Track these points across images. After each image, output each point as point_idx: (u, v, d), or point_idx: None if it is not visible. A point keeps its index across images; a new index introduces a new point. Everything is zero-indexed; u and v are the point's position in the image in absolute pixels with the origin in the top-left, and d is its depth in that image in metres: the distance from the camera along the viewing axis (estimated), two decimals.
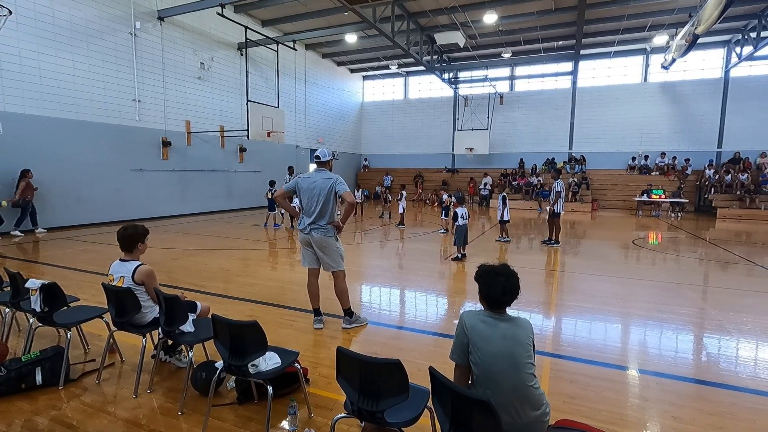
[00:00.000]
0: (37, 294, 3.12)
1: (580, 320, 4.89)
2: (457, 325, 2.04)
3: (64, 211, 11.29)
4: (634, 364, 3.76)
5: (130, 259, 3.17)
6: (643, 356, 3.95)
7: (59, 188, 11.13)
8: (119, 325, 3.14)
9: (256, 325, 2.36)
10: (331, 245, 4.25)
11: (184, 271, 6.91)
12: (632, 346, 4.20)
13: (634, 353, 4.02)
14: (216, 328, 2.49)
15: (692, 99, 19.72)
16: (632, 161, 20.83)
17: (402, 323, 4.76)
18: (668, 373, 3.53)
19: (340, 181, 4.20)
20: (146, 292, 3.15)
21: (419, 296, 5.90)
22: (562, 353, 3.93)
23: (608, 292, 6.08)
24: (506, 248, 9.65)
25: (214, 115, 16.02)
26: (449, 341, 3.94)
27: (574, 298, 5.75)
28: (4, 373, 3.00)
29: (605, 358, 3.82)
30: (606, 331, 4.60)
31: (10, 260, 7.43)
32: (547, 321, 4.84)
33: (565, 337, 4.41)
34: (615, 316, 4.99)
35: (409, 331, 4.51)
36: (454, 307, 5.46)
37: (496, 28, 17.51)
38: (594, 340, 4.29)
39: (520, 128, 23.08)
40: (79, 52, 11.46)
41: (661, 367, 3.66)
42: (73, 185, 11.44)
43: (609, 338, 4.39)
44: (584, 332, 4.55)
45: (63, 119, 11.17)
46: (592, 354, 3.90)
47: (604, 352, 3.97)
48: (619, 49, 20.18)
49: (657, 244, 10.90)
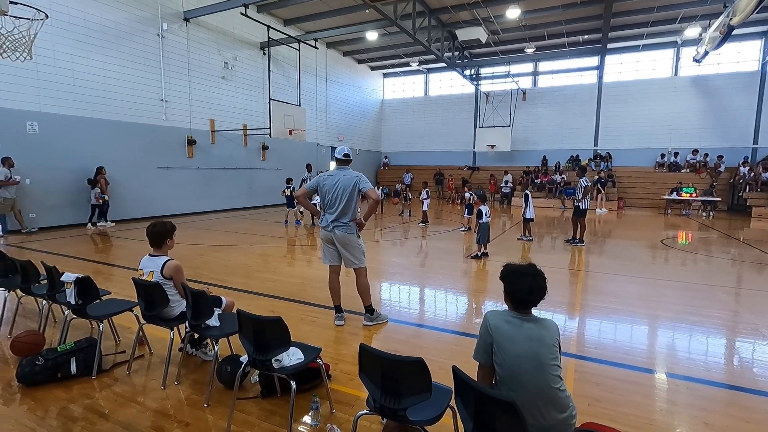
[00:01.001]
0: (72, 287, 3.25)
1: (606, 321, 4.77)
2: (480, 324, 2.02)
3: None
4: (663, 368, 3.65)
5: (159, 255, 3.27)
6: (672, 359, 3.83)
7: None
8: (148, 319, 3.25)
9: (280, 321, 2.40)
10: (353, 242, 4.27)
11: (209, 266, 7.08)
12: (660, 349, 4.08)
13: (663, 356, 3.90)
14: (241, 323, 2.54)
15: (726, 93, 18.92)
16: (661, 158, 20.15)
17: (422, 321, 4.74)
18: (699, 378, 3.41)
19: (363, 178, 4.22)
20: (174, 286, 3.24)
21: (440, 294, 5.87)
22: (588, 355, 3.84)
23: (635, 293, 5.91)
24: (529, 247, 9.49)
25: (237, 113, 16.30)
26: (471, 340, 3.94)
27: (600, 298, 5.61)
28: (42, 362, 3.14)
29: (632, 360, 3.72)
30: (633, 333, 4.48)
31: (45, 254, 7.76)
32: (571, 322, 4.74)
33: (591, 338, 4.32)
34: (642, 318, 4.85)
35: (429, 329, 4.49)
36: (475, 306, 5.41)
37: (519, 23, 17.20)
38: (621, 342, 4.18)
39: (543, 125, 22.64)
40: (110, 53, 11.83)
41: (691, 371, 3.54)
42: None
43: (636, 340, 4.28)
44: (610, 334, 4.44)
45: (95, 119, 11.57)
46: (618, 356, 3.80)
47: (631, 354, 3.86)
48: (647, 42, 19.52)
49: (687, 244, 10.54)
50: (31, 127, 10.32)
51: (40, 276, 3.92)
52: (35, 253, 7.85)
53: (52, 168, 10.67)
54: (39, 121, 10.44)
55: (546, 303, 5.27)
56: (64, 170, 10.91)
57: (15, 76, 9.95)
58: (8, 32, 4.42)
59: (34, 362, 3.13)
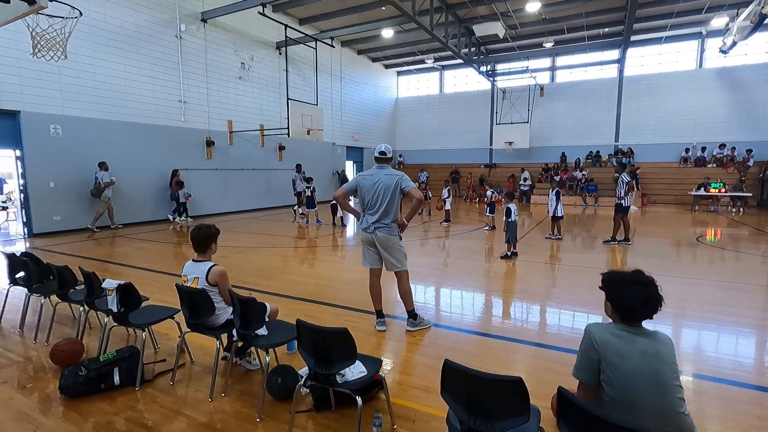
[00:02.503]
0: (114, 294, 3.12)
1: (688, 330, 4.46)
2: (582, 339, 1.81)
3: (117, 211, 11.71)
4: None
5: (204, 260, 3.12)
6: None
7: (114, 188, 11.55)
8: (193, 327, 3.10)
9: (345, 333, 2.22)
10: (395, 244, 4.09)
11: (235, 268, 6.95)
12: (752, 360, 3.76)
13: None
14: (300, 334, 2.37)
15: (755, 85, 18.29)
16: (685, 153, 19.59)
17: (463, 325, 4.51)
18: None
19: (405, 177, 4.03)
20: (219, 293, 3.09)
21: (478, 297, 5.64)
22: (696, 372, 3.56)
23: (709, 296, 5.57)
24: (558, 246, 9.20)
25: (254, 114, 16.24)
26: (532, 350, 3.70)
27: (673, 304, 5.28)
28: (85, 373, 3.01)
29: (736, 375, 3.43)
30: (728, 342, 4.14)
31: (61, 255, 7.72)
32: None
33: (684, 351, 3.95)
34: (729, 326, 4.47)
35: (476, 335, 4.26)
36: (521, 310, 5.18)
37: (539, 17, 16.83)
38: (724, 355, 3.85)
39: (561, 121, 22.19)
40: (130, 55, 11.83)
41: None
42: (125, 185, 11.85)
43: (736, 351, 3.95)
44: (709, 346, 4.14)
45: (116, 121, 11.58)
46: (723, 371, 3.48)
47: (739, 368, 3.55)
48: (671, 34, 18.97)
49: (714, 241, 10.13)
50: (55, 131, 10.34)
51: (77, 281, 3.80)
52: (58, 255, 7.83)
53: (75, 170, 10.69)
54: (62, 125, 10.47)
55: (580, 304, 5.02)
56: (87, 173, 10.92)
57: (39, 80, 9.99)
58: (43, 30, 4.33)
59: (77, 373, 3.01)
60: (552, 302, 5.36)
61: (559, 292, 5.84)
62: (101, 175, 10.75)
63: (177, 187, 12.48)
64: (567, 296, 5.58)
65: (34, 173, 10.02)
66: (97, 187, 10.73)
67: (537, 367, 3.53)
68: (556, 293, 5.81)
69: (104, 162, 10.88)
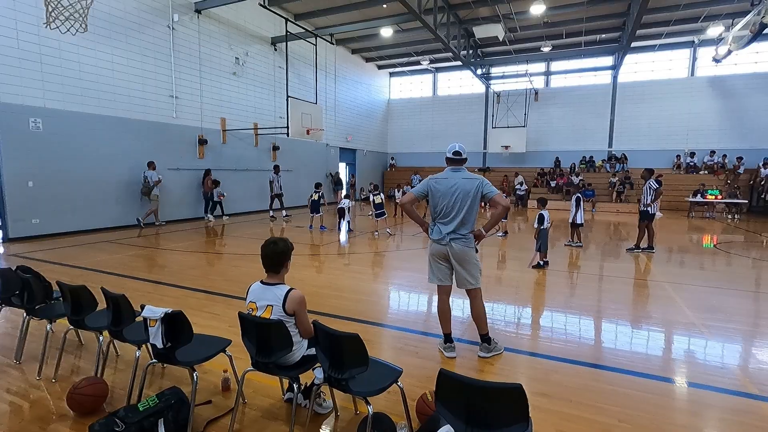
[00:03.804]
0: (158, 325, 2.47)
1: (750, 346, 4.13)
2: None
3: (103, 213, 10.76)
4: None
5: (277, 282, 2.51)
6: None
7: (101, 188, 10.60)
8: (261, 367, 2.47)
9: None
10: (472, 258, 3.56)
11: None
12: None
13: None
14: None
15: (744, 94, 18.70)
16: (677, 159, 19.86)
17: (538, 350, 3.99)
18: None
19: (487, 182, 3.53)
20: (296, 323, 2.48)
21: (535, 314, 5.15)
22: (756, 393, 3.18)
23: (739, 308, 5.30)
24: (578, 254, 8.88)
25: (248, 112, 15.44)
26: (634, 381, 3.19)
27: (707, 316, 4.96)
28: (122, 428, 2.35)
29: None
30: None
31: (42, 263, 6.84)
32: (714, 346, 4.08)
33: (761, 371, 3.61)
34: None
35: (555, 360, 3.74)
36: (592, 330, 4.71)
37: (541, 20, 16.69)
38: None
39: (555, 126, 22.20)
40: (118, 45, 10.92)
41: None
42: (113, 185, 10.91)
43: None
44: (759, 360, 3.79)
45: (102, 116, 10.63)
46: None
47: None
48: (664, 42, 19.23)
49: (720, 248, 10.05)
50: (34, 124, 9.36)
51: (95, 304, 3.11)
52: (39, 263, 6.93)
53: (57, 169, 9.72)
54: (43, 118, 9.49)
55: (655, 320, 4.63)
56: (70, 171, 9.96)
57: (18, 68, 9.01)
58: (57, 1, 3.61)
59: (111, 428, 2.35)
60: (624, 321, 4.93)
61: (622, 309, 5.40)
62: (150, 174, 11.27)
63: (213, 186, 13.02)
64: (638, 313, 5.16)
65: (11, 171, 9.01)
66: (146, 185, 11.26)
67: (661, 406, 3.06)
68: (619, 310, 5.38)
69: (152, 161, 11.44)
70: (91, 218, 10.52)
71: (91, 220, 10.50)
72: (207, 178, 13.16)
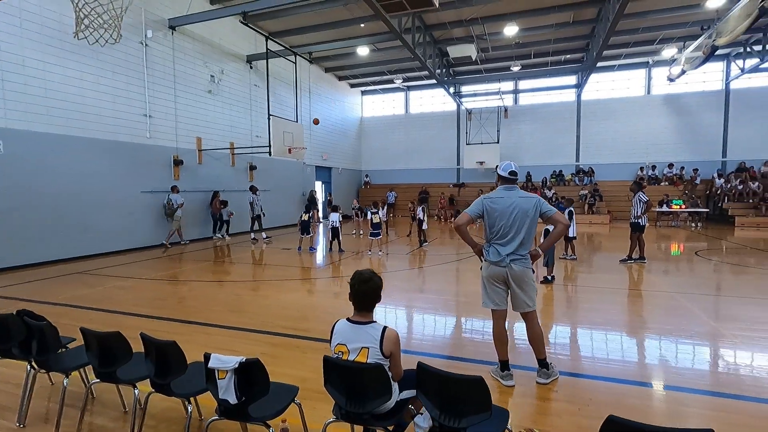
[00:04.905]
0: (229, 376, 2.13)
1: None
2: None
3: (69, 240, 9.86)
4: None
5: (368, 321, 2.23)
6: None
7: (67, 214, 9.73)
8: (354, 417, 2.17)
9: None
10: (530, 279, 3.43)
11: (264, 309, 5.85)
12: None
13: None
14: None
15: (695, 110, 20.16)
16: (640, 172, 20.99)
17: (597, 372, 3.83)
18: None
19: (543, 200, 3.42)
20: (390, 366, 2.21)
21: (572, 331, 5.04)
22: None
23: (758, 315, 5.47)
24: (573, 266, 9.02)
25: (224, 131, 14.88)
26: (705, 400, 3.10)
27: (735, 325, 5.06)
28: None
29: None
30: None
31: (5, 300, 6.10)
32: (744, 356, 4.13)
33: None
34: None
35: (619, 383, 3.59)
36: (634, 346, 4.66)
37: (513, 41, 17.33)
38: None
39: (527, 141, 22.96)
40: (88, 62, 10.23)
41: None
42: (81, 210, 10.05)
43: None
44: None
45: (70, 137, 9.84)
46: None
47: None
48: (623, 63, 20.48)
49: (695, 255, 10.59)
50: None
51: (130, 354, 2.68)
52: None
53: (19, 194, 8.82)
54: (3, 139, 8.64)
55: (675, 330, 4.65)
56: (35, 196, 9.08)
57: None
58: (90, 7, 3.17)
59: None
60: (663, 335, 4.93)
61: (651, 322, 5.43)
62: (174, 197, 12.10)
63: (221, 206, 13.67)
64: (666, 326, 5.18)
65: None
66: (170, 207, 12.03)
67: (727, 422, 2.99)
68: (649, 323, 5.40)
69: (176, 185, 12.30)
70: (60, 247, 9.61)
71: (60, 249, 9.59)
72: (215, 199, 13.68)
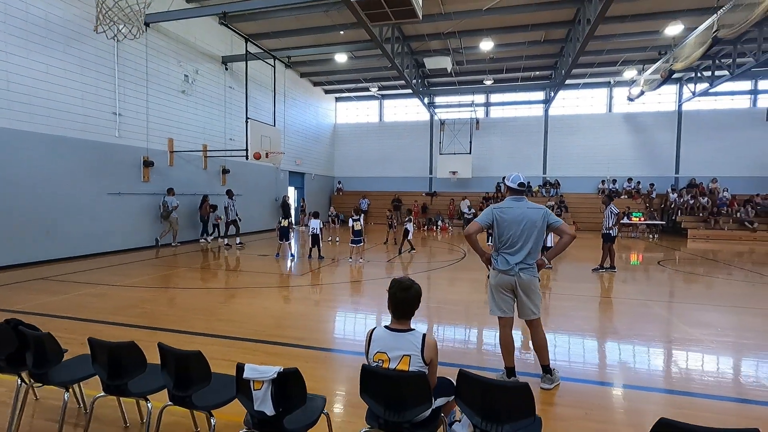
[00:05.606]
0: (266, 387, 2.07)
1: (744, 357, 4.55)
2: None
3: (32, 245, 9.21)
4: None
5: (407, 329, 2.23)
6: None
7: (28, 216, 9.09)
8: (393, 427, 2.16)
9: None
10: (536, 288, 3.56)
11: (248, 317, 5.68)
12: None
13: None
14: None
15: (652, 129, 21.55)
16: (602, 185, 22.12)
17: (587, 375, 4.04)
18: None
19: (550, 211, 3.56)
20: (429, 374, 2.22)
21: (579, 339, 5.22)
22: None
23: (721, 322, 5.89)
24: (549, 275, 9.37)
25: (198, 133, 14.42)
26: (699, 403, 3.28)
27: (702, 332, 5.42)
28: None
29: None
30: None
31: None
32: (725, 359, 4.44)
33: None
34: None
35: (624, 388, 3.80)
36: (633, 352, 4.88)
37: (488, 56, 17.91)
38: None
39: (497, 153, 23.67)
40: (55, 55, 9.67)
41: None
42: (43, 212, 9.41)
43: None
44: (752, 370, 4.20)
45: (33, 133, 9.24)
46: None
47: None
48: (587, 81, 21.61)
49: (676, 264, 11.30)
50: None
51: (144, 366, 2.55)
52: None
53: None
54: None
55: (647, 337, 4.94)
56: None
57: None
58: (114, 1, 2.96)
59: None
60: (647, 341, 5.19)
61: (638, 329, 5.71)
62: (169, 200, 12.38)
63: (211, 210, 13.84)
64: (649, 333, 5.47)
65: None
66: (166, 210, 12.34)
67: None
68: (636, 330, 5.67)
69: (172, 188, 12.62)
70: (20, 252, 8.94)
71: (20, 254, 8.93)
72: (205, 203, 13.82)
